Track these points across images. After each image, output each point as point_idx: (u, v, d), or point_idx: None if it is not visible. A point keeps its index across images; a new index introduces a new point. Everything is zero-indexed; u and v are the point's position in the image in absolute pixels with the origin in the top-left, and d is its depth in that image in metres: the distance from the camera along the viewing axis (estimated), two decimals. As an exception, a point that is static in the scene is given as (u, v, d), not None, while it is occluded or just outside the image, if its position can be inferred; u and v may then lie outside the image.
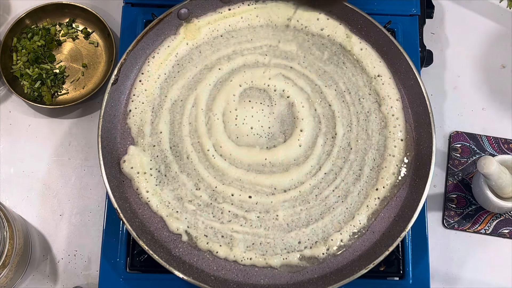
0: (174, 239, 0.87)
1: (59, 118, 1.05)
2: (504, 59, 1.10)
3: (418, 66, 1.00)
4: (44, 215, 1.00)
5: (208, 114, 0.92)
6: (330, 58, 0.95)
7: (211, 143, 0.91)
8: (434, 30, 1.11)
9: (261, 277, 0.86)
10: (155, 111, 0.92)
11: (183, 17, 0.95)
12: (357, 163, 0.91)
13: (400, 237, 0.84)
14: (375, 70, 0.94)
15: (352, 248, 0.87)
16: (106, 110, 0.89)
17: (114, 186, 0.87)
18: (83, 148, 1.03)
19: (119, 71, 0.91)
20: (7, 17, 1.10)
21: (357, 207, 0.89)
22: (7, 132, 1.03)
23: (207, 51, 0.95)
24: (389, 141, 0.91)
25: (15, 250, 0.88)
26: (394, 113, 0.92)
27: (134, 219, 0.87)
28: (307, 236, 0.87)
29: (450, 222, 1.00)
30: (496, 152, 1.04)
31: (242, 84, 0.94)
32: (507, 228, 1.00)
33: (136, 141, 0.91)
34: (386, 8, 1.02)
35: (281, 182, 0.89)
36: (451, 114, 1.07)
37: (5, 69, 1.03)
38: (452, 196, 1.01)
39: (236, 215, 0.88)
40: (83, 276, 0.97)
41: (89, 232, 0.99)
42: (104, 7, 1.09)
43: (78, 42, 1.08)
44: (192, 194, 0.89)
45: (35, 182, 1.01)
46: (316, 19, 0.96)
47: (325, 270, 0.86)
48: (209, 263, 0.86)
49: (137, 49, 0.92)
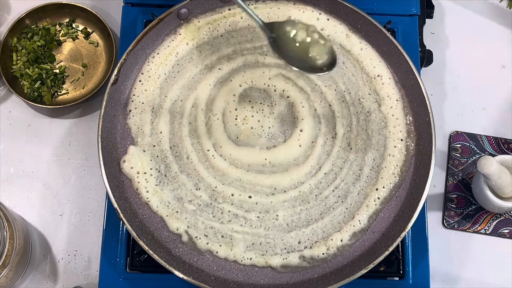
0: (174, 239, 0.87)
1: (59, 118, 1.05)
2: (504, 59, 1.10)
3: (418, 66, 1.00)
4: (44, 215, 1.00)
5: (208, 114, 0.92)
6: (330, 58, 0.95)
7: (211, 143, 0.91)
8: (434, 30, 1.11)
9: (261, 277, 0.86)
10: (155, 111, 0.92)
11: (183, 17, 0.95)
12: (357, 163, 0.90)
13: (400, 237, 0.84)
14: (375, 70, 0.94)
15: (352, 248, 0.87)
16: (106, 110, 0.89)
17: (114, 186, 0.87)
18: (83, 148, 1.03)
19: (119, 71, 0.91)
20: (7, 17, 1.10)
21: (357, 207, 0.89)
22: (7, 132, 1.03)
23: (207, 51, 0.95)
24: (389, 141, 0.91)
25: (15, 250, 0.88)
26: (394, 113, 0.92)
27: (134, 219, 0.87)
28: (307, 236, 0.87)
29: (450, 222, 1.00)
30: (496, 152, 1.04)
31: (242, 84, 0.94)
32: (507, 228, 1.00)
33: (136, 141, 0.91)
34: (386, 8, 1.02)
35: (281, 182, 0.89)
36: (451, 114, 1.07)
37: (5, 69, 1.03)
38: (452, 196, 1.01)
39: (236, 215, 0.88)
40: (83, 276, 0.97)
41: (89, 232, 0.99)
42: (104, 7, 1.09)
43: (78, 42, 1.08)
44: (192, 194, 0.89)
45: (35, 182, 1.01)
46: (316, 19, 0.96)
47: (325, 270, 0.86)
48: (209, 263, 0.86)
49: (137, 49, 0.92)
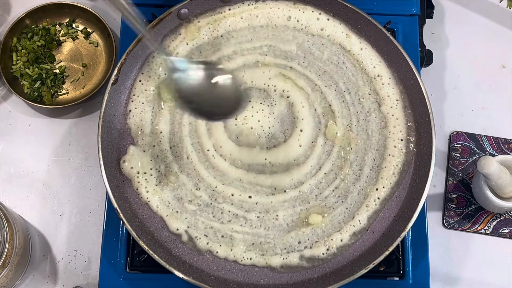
0: (174, 239, 0.87)
1: (59, 118, 1.05)
2: (504, 59, 1.10)
3: (418, 66, 1.00)
4: (44, 215, 1.00)
5: (208, 114, 0.92)
6: (330, 58, 0.95)
7: (211, 143, 0.91)
8: (434, 30, 1.11)
9: (261, 277, 0.86)
10: (155, 111, 0.92)
11: (183, 17, 0.95)
12: (357, 163, 0.90)
13: (400, 237, 0.84)
14: (375, 70, 0.94)
15: (352, 248, 0.87)
16: (106, 110, 0.89)
17: (114, 186, 0.87)
18: (83, 148, 1.03)
19: (119, 71, 0.91)
20: (7, 17, 1.10)
21: (357, 207, 0.89)
22: (7, 132, 1.03)
23: (207, 51, 0.95)
24: (389, 141, 0.91)
25: (15, 250, 0.88)
26: (394, 113, 0.92)
27: (134, 219, 0.87)
28: (307, 236, 0.87)
29: (450, 222, 1.00)
30: (496, 152, 1.04)
31: (242, 84, 0.94)
32: (507, 228, 1.00)
33: (136, 141, 0.91)
34: (386, 8, 1.02)
35: (281, 182, 0.89)
36: (451, 114, 1.07)
37: (5, 69, 1.03)
38: (452, 196, 1.01)
39: (236, 215, 0.88)
40: (83, 276, 0.97)
41: (89, 232, 0.99)
42: (104, 7, 1.09)
43: (78, 42, 1.08)
44: (192, 194, 0.89)
45: (35, 182, 1.01)
46: (316, 19, 0.96)
47: (325, 270, 0.86)
48: (209, 263, 0.86)
49: (137, 49, 0.92)
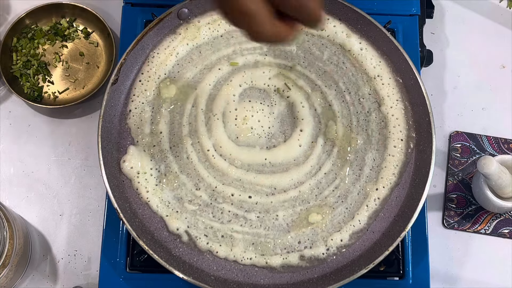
0: (174, 239, 0.87)
1: (59, 118, 1.05)
2: (504, 59, 1.10)
3: (418, 66, 1.00)
4: (44, 215, 1.00)
5: (208, 114, 0.92)
6: (330, 58, 0.95)
7: (211, 143, 0.91)
8: (434, 30, 1.11)
9: (261, 277, 0.86)
10: (155, 111, 0.92)
11: (183, 17, 0.95)
12: (357, 163, 0.90)
13: (400, 237, 0.84)
14: (375, 70, 0.94)
15: (352, 248, 0.87)
16: (106, 110, 0.89)
17: (114, 186, 0.87)
18: (83, 148, 1.03)
19: (119, 71, 0.91)
20: (7, 17, 1.10)
21: (357, 207, 0.89)
22: (7, 132, 1.03)
23: (207, 51, 0.95)
24: (389, 141, 0.91)
25: (15, 250, 0.88)
26: (394, 113, 0.92)
27: (134, 219, 0.87)
28: (307, 236, 0.87)
29: (450, 222, 1.00)
30: (496, 152, 1.04)
31: (242, 84, 0.94)
32: (507, 228, 1.00)
33: (136, 141, 0.91)
34: (386, 8, 1.02)
35: (281, 182, 0.89)
36: (451, 114, 1.07)
37: (5, 69, 1.03)
38: (452, 196, 1.01)
39: (236, 215, 0.88)
40: (83, 276, 0.97)
41: (89, 232, 0.99)
42: (104, 7, 1.09)
43: (78, 42, 1.08)
44: (192, 194, 0.89)
45: (35, 182, 1.01)
46: (316, 19, 0.95)
47: (325, 270, 0.86)
48: (209, 263, 0.86)
49: (137, 49, 0.92)
